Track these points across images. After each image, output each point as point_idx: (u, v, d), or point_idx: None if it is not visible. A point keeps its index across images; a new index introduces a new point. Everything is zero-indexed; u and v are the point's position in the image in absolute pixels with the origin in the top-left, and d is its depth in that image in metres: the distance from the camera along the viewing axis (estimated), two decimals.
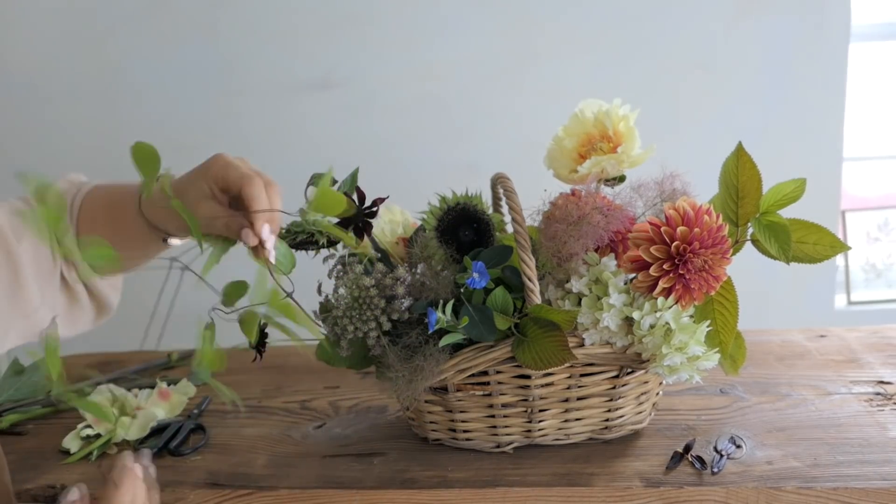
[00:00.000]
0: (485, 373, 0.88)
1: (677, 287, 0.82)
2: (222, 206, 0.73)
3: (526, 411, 0.90)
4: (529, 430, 0.92)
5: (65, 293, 0.82)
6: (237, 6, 1.79)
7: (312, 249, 0.89)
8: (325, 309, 0.87)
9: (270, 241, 0.69)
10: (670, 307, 0.83)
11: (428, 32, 1.79)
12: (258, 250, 0.70)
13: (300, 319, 0.68)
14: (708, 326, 0.86)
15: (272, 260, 0.69)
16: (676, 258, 0.81)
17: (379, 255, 0.94)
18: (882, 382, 1.07)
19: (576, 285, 0.86)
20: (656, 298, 0.83)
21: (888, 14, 1.92)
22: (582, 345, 0.85)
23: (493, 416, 0.91)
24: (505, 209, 0.94)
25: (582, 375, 0.89)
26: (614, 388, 0.90)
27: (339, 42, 1.80)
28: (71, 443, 0.99)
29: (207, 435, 1.01)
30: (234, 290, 0.68)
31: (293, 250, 0.82)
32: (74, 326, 0.85)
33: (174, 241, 0.82)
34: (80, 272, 0.80)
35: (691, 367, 0.84)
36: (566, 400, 0.90)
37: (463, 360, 0.85)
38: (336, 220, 0.86)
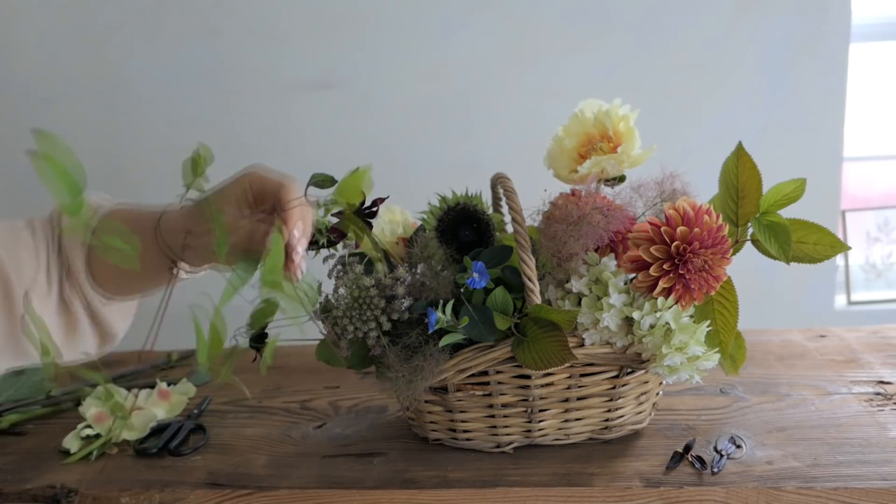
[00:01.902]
0: (485, 373, 0.88)
1: (677, 287, 0.82)
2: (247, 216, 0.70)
3: (526, 411, 0.90)
4: (529, 430, 0.92)
5: (62, 317, 0.79)
6: (237, 6, 1.79)
7: (312, 249, 0.90)
8: (325, 309, 0.87)
9: (301, 248, 0.66)
10: (670, 307, 0.83)
11: (427, 32, 1.79)
12: (287, 264, 0.67)
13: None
14: (708, 326, 0.86)
15: (301, 273, 0.65)
16: (676, 258, 0.81)
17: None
18: (882, 382, 1.07)
19: (576, 285, 0.86)
20: (656, 298, 0.83)
21: (888, 14, 1.92)
22: (582, 345, 0.85)
23: (493, 416, 0.91)
24: (505, 209, 0.94)
25: (582, 375, 0.89)
26: (614, 388, 0.90)
27: (338, 42, 1.80)
28: (71, 443, 0.99)
29: (207, 435, 1.01)
30: (262, 314, 0.66)
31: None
32: (70, 353, 0.82)
33: (183, 274, 0.80)
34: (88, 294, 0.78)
35: (691, 367, 0.84)
36: (566, 400, 0.90)
37: (463, 360, 0.85)
38: (335, 219, 0.86)
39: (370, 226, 0.88)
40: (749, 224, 0.90)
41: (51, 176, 0.58)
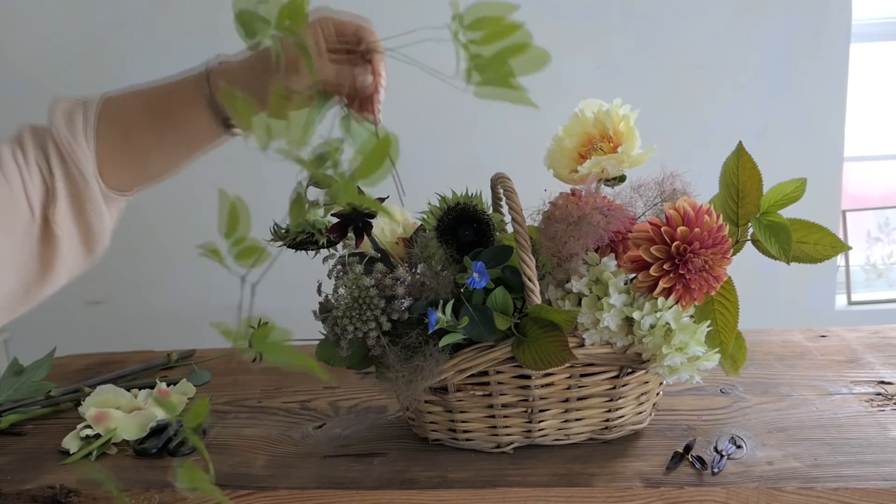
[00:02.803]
0: (485, 373, 0.88)
1: (677, 287, 0.82)
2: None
3: (526, 411, 0.90)
4: (529, 431, 0.92)
5: (44, 244, 0.71)
6: None
7: (312, 249, 0.90)
8: (325, 309, 0.87)
9: (382, 90, 0.66)
10: (670, 307, 0.83)
11: (427, 32, 1.78)
12: (366, 105, 0.65)
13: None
14: (708, 326, 0.85)
15: (379, 115, 0.64)
16: (677, 258, 0.81)
17: (380, 254, 0.93)
18: (883, 383, 1.07)
19: (576, 285, 0.86)
20: (656, 298, 0.83)
21: (888, 14, 1.92)
22: (582, 345, 0.85)
23: (493, 417, 0.91)
24: (505, 209, 0.94)
25: (582, 375, 0.89)
26: (614, 388, 0.90)
27: None
28: (70, 443, 0.99)
29: (207, 435, 1.01)
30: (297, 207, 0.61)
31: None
32: (47, 286, 0.73)
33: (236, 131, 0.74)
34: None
35: (692, 367, 0.84)
36: (566, 400, 0.90)
37: (463, 360, 0.85)
38: (336, 219, 0.86)
39: (370, 226, 0.88)
40: (749, 224, 0.90)
41: None
